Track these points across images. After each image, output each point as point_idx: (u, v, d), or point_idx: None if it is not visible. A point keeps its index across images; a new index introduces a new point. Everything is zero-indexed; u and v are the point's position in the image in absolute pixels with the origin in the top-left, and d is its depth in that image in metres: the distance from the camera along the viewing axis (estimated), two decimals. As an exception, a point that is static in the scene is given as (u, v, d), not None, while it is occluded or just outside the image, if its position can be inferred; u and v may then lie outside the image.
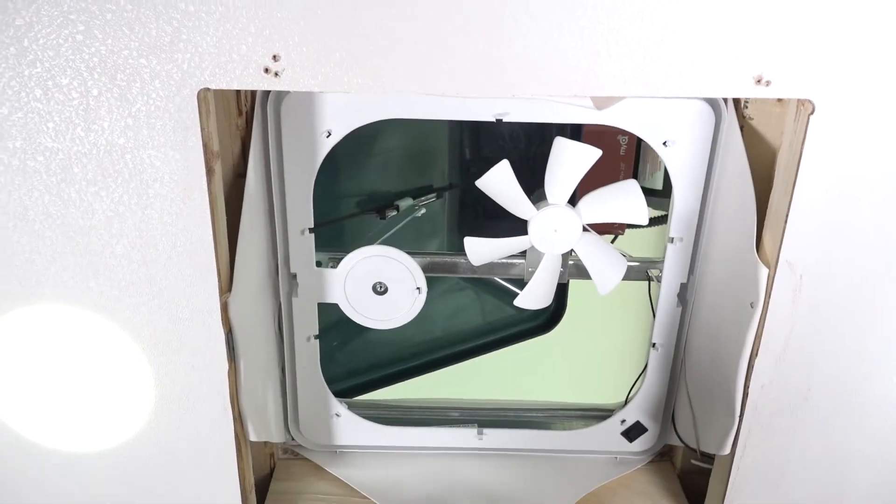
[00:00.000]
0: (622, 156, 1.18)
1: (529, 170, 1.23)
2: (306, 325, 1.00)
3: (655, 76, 0.68)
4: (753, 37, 0.66)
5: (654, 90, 0.68)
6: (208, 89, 0.69)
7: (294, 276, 0.96)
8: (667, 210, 0.97)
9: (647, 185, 1.15)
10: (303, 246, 0.94)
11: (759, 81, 0.68)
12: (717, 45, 0.66)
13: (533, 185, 0.93)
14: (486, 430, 1.10)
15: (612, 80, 0.68)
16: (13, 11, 0.65)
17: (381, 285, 0.97)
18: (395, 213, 1.23)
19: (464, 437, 1.10)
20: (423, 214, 1.28)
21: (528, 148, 1.26)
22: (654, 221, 1.10)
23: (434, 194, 1.32)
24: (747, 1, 0.65)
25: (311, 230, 0.93)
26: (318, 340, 1.01)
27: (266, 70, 0.67)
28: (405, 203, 1.25)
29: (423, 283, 0.97)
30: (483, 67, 0.67)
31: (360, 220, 1.22)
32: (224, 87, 0.68)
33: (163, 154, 0.71)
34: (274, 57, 0.67)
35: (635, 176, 1.17)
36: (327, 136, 0.87)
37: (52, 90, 0.68)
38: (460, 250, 0.96)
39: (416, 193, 1.28)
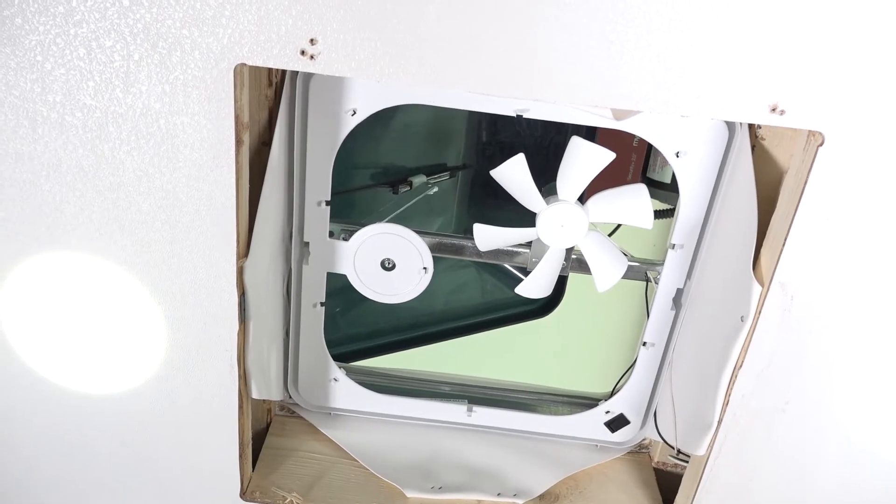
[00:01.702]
0: (634, 147, 1.21)
1: (543, 159, 1.26)
2: (314, 292, 1.03)
3: (676, 96, 0.70)
4: (774, 68, 0.68)
5: (673, 108, 0.71)
6: (245, 65, 0.71)
7: (307, 245, 1.00)
8: (672, 204, 0.99)
9: (656, 178, 1.18)
10: (318, 217, 0.97)
11: (773, 110, 0.71)
12: (737, 72, 0.69)
13: (546, 174, 0.96)
14: (475, 408, 1.14)
15: (634, 95, 0.70)
16: (65, -28, 0.67)
17: (389, 261, 1.01)
18: (408, 188, 1.26)
19: (453, 411, 1.15)
20: (434, 192, 1.31)
21: (544, 136, 1.28)
22: (660, 214, 1.12)
23: (447, 173, 1.35)
24: (771, 34, 0.67)
25: (327, 202, 0.96)
26: (323, 307, 1.05)
27: (303, 52, 0.70)
28: (419, 180, 1.28)
29: (430, 264, 1.00)
30: (511, 71, 0.70)
31: (373, 192, 1.25)
32: (260, 64, 0.71)
33: (195, 122, 0.74)
34: (311, 40, 0.69)
35: (645, 167, 1.19)
36: (352, 115, 0.90)
37: (95, 51, 0.71)
38: (468, 230, 0.99)
39: (430, 171, 1.31)
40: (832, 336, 0.83)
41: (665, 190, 1.15)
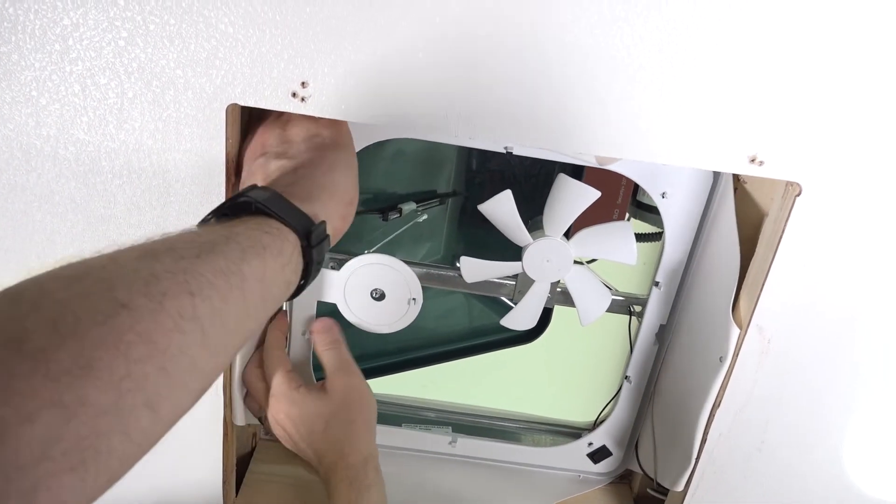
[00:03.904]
0: (625, 171, 1.22)
1: (533, 188, 1.27)
2: (303, 321, 1.04)
3: (658, 146, 0.72)
4: (753, 121, 0.70)
5: (655, 157, 0.73)
6: (237, 105, 0.73)
7: (295, 274, 1.01)
8: (662, 228, 1.01)
9: (646, 202, 1.20)
10: (307, 246, 0.98)
11: (753, 161, 0.73)
12: (717, 124, 0.71)
13: (535, 202, 0.97)
14: (458, 438, 1.15)
15: (617, 144, 0.72)
16: (62, 11, 0.68)
17: (378, 292, 1.02)
18: (397, 216, 1.28)
19: (436, 441, 1.16)
20: (424, 219, 1.32)
21: (534, 166, 1.30)
22: (648, 237, 1.13)
23: (437, 200, 1.36)
24: (751, 88, 0.69)
25: (316, 233, 0.97)
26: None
27: (294, 94, 0.71)
28: (408, 207, 1.29)
29: (418, 295, 1.01)
30: (497, 118, 0.71)
31: (363, 219, 1.26)
32: (252, 104, 0.72)
33: (187, 158, 0.75)
34: (303, 83, 0.71)
35: (636, 190, 1.21)
36: (343, 149, 0.91)
37: (90, 88, 0.72)
38: (457, 255, 1.00)
39: (420, 198, 1.32)
40: (808, 379, 0.85)
41: (654, 213, 1.16)
